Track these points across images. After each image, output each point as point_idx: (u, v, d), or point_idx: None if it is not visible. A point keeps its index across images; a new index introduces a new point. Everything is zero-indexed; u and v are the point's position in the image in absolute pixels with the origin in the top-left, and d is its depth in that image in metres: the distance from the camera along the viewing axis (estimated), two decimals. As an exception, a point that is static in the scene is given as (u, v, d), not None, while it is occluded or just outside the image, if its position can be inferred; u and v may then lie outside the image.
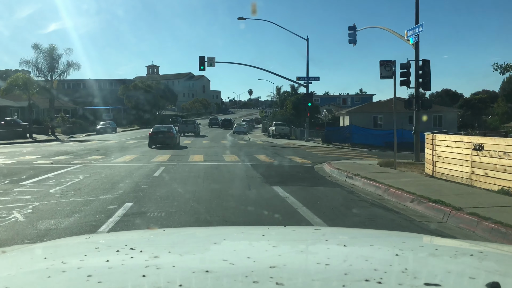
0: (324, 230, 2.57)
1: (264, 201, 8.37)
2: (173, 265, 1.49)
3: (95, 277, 1.30)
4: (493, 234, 5.89)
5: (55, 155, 19.25)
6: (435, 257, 1.73)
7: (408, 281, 1.31)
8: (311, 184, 10.94)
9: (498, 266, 1.58)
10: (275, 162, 16.94)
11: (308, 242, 2.01)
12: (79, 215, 6.95)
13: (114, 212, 7.12)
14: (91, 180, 11.06)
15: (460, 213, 6.80)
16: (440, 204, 7.43)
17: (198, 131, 44.63)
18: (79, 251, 1.80)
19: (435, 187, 9.69)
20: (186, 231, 2.90)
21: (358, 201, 8.67)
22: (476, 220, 6.36)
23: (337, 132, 35.69)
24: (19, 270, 1.53)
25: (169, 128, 25.84)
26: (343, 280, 1.28)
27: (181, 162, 16.28)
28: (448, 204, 7.33)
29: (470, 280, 1.32)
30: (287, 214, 7.19)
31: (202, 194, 8.93)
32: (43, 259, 1.63)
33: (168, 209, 7.41)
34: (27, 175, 11.98)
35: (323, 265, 1.46)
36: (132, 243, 1.76)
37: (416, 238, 2.34)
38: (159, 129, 25.20)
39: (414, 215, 7.37)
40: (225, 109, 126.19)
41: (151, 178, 11.54)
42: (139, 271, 1.37)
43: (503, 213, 6.74)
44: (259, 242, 1.96)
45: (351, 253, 1.75)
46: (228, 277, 1.33)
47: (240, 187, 10.31)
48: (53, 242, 2.39)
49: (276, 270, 1.36)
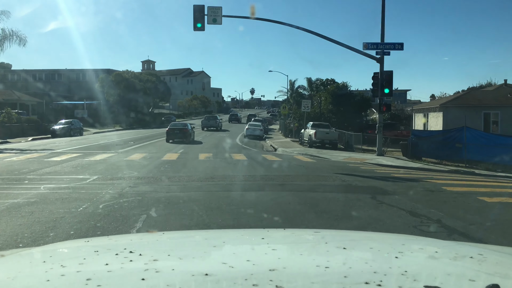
0: (324, 233, 2.40)
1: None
2: (172, 269, 1.50)
3: (94, 280, 1.32)
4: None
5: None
6: (435, 259, 1.74)
7: (408, 283, 1.33)
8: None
9: (498, 268, 1.59)
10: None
11: (307, 245, 2.02)
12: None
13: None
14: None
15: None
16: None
17: (220, 126, 47.43)
18: (78, 255, 1.79)
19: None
20: (185, 234, 2.88)
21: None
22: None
23: (434, 141, 20.87)
24: (18, 273, 1.53)
25: (184, 125, 29.91)
26: (343, 283, 1.30)
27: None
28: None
29: (470, 282, 1.34)
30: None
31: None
32: (42, 263, 1.65)
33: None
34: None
35: (322, 268, 1.47)
36: (131, 247, 1.75)
37: (416, 241, 2.29)
38: (176, 126, 29.64)
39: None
40: (226, 108, 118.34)
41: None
42: (138, 274, 1.38)
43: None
44: (259, 245, 1.95)
45: (350, 255, 1.77)
46: (227, 280, 1.34)
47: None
48: (52, 246, 2.28)
49: (276, 273, 1.37)
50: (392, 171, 15.67)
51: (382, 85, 19.84)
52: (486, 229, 6.79)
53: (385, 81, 19.87)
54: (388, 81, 19.93)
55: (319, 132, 26.20)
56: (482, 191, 10.64)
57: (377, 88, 20.00)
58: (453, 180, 13.36)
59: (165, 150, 22.25)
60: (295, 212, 7.56)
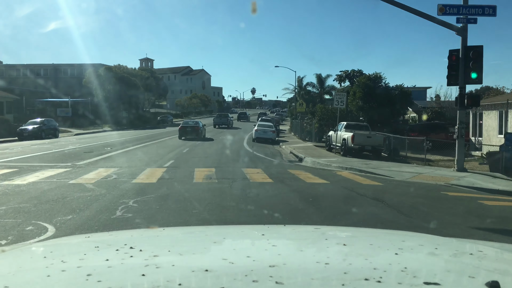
0: (324, 229, 2.40)
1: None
2: (172, 264, 1.48)
3: (95, 276, 1.30)
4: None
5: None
6: (435, 256, 1.72)
7: (408, 280, 1.31)
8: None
9: (498, 265, 1.58)
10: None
11: (307, 241, 1.99)
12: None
13: None
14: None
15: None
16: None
17: (231, 124, 51.93)
18: (79, 250, 1.78)
19: None
20: (185, 230, 2.83)
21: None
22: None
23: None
24: (19, 269, 1.52)
25: (196, 123, 32.09)
26: (343, 279, 1.28)
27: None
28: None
29: (469, 279, 1.32)
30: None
31: None
32: (43, 258, 1.63)
33: None
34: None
35: (322, 264, 1.46)
36: (131, 242, 1.74)
37: (416, 237, 2.25)
38: (188, 123, 31.89)
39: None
40: (227, 108, 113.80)
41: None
42: (138, 270, 1.35)
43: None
44: (259, 241, 1.95)
45: (350, 252, 1.75)
46: (227, 276, 1.33)
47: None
48: (53, 241, 2.29)
49: (276, 269, 1.37)
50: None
51: (466, 67, 13.78)
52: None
53: (472, 60, 13.72)
54: (476, 60, 13.71)
55: (358, 136, 19.75)
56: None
57: (455, 73, 13.87)
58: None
59: (147, 160, 16.54)
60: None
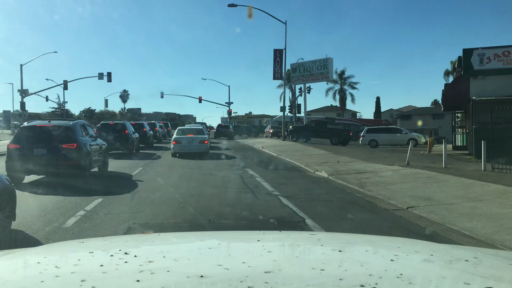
0: (320, 235, 2.38)
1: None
2: (167, 270, 1.46)
3: (89, 282, 1.28)
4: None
5: None
6: (430, 262, 1.71)
7: (403, 286, 1.31)
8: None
9: (493, 271, 1.57)
10: None
11: (303, 247, 1.98)
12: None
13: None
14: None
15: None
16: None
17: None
18: (73, 256, 1.75)
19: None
20: (180, 236, 2.81)
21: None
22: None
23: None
24: (12, 274, 1.49)
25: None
26: (338, 285, 1.28)
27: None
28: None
29: (465, 285, 1.31)
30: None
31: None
32: (37, 264, 1.60)
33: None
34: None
35: (318, 270, 1.44)
36: (126, 248, 1.72)
37: (411, 243, 2.23)
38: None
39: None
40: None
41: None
42: (133, 276, 1.34)
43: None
44: (254, 247, 1.93)
45: (346, 258, 1.74)
46: (222, 282, 1.31)
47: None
48: (47, 247, 2.22)
49: (271, 275, 1.35)
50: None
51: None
52: None
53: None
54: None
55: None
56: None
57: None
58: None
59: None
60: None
